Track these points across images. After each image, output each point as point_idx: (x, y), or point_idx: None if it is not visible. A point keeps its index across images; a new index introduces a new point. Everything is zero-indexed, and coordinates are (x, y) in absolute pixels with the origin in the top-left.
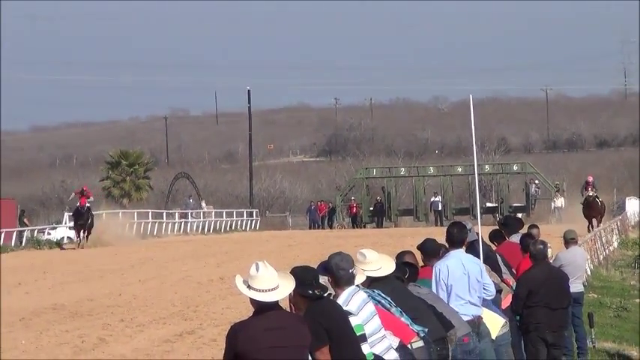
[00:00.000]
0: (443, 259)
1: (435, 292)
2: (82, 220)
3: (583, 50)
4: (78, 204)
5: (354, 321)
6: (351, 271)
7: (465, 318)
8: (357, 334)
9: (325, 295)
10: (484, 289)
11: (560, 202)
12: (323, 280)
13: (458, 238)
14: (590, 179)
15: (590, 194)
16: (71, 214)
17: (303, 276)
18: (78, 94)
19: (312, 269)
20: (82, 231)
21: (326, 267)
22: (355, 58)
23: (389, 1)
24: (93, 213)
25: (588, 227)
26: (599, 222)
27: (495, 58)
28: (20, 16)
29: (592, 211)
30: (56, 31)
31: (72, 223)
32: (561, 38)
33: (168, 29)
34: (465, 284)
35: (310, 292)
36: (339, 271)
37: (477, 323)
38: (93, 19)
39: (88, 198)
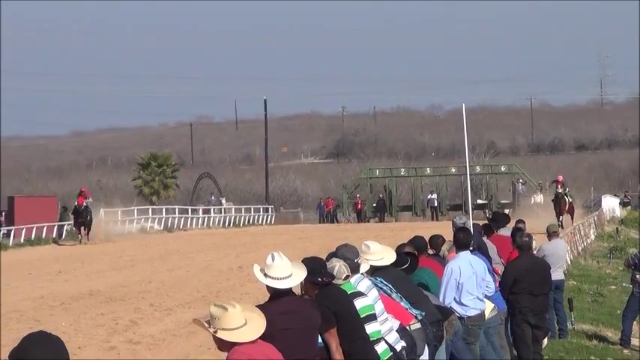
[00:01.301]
0: (454, 260)
1: (444, 287)
2: (82, 219)
3: (564, 64)
4: (76, 203)
5: (365, 301)
6: (356, 260)
7: (474, 312)
8: (368, 314)
9: (332, 282)
10: (486, 286)
11: (539, 198)
12: (339, 265)
13: (464, 241)
14: (560, 178)
15: (560, 191)
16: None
17: (312, 265)
18: (113, 103)
19: (320, 259)
20: (82, 228)
21: (333, 257)
22: (360, 70)
23: (392, 22)
24: (91, 212)
25: (559, 222)
26: (572, 219)
27: (486, 71)
28: (67, 32)
29: (560, 207)
30: (94, 46)
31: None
32: (544, 53)
33: (193, 45)
34: (473, 282)
35: (319, 279)
36: (345, 260)
37: (483, 316)
38: (127, 37)
39: (87, 199)
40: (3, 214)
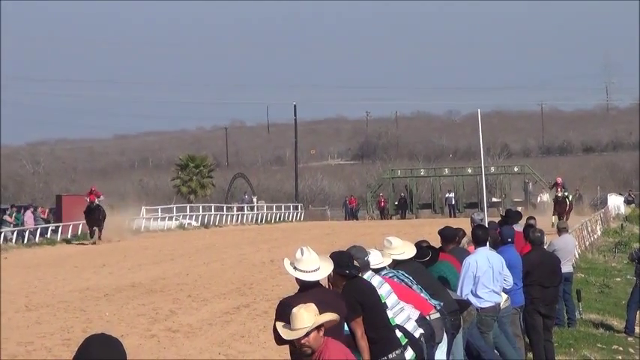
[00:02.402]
0: (472, 255)
1: (461, 279)
2: (94, 216)
3: (572, 72)
4: (88, 201)
5: (382, 290)
6: (365, 259)
7: (488, 304)
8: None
9: (359, 274)
10: (504, 279)
11: (546, 197)
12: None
13: (482, 238)
14: (560, 180)
15: (559, 194)
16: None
17: (340, 259)
18: (154, 109)
19: (347, 253)
20: (94, 227)
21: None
22: (383, 78)
23: (412, 33)
24: (104, 210)
25: (554, 215)
26: (567, 219)
27: (500, 79)
28: (111, 42)
29: (560, 209)
30: (137, 55)
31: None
32: (554, 62)
33: (228, 55)
34: (489, 276)
35: (347, 271)
36: (356, 259)
37: (497, 309)
38: (167, 47)
39: (98, 197)
40: (46, 211)
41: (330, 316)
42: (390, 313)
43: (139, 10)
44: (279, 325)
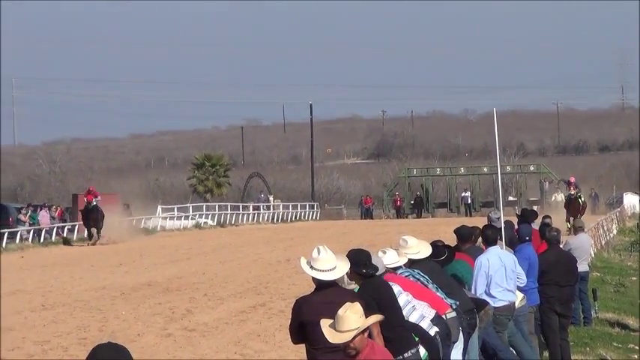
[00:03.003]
0: (484, 253)
1: (474, 279)
2: (93, 215)
3: (588, 72)
4: (85, 201)
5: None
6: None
7: (502, 303)
8: None
9: (376, 273)
10: (517, 277)
11: (560, 196)
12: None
13: (492, 237)
14: (572, 180)
15: (572, 193)
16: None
17: (358, 257)
18: (170, 108)
19: (365, 252)
20: (92, 228)
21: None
22: (399, 77)
23: (427, 33)
24: (101, 210)
25: (567, 221)
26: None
27: (515, 78)
28: (127, 42)
29: (572, 208)
30: (152, 55)
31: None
32: (570, 62)
33: (244, 54)
34: (502, 274)
35: (364, 270)
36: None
37: (512, 308)
38: (182, 47)
39: (96, 197)
40: (59, 210)
41: (375, 318)
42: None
43: (156, 10)
44: (325, 325)
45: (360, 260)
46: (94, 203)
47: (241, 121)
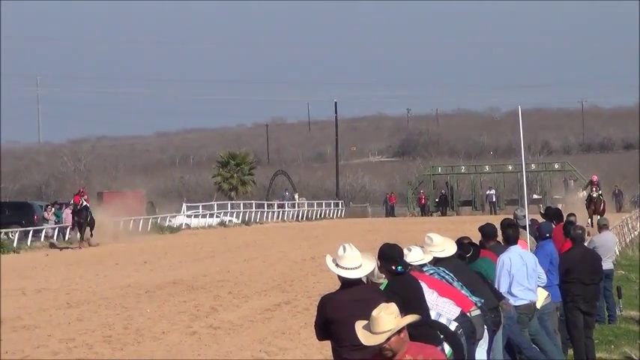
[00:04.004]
0: (505, 252)
1: (497, 277)
2: (81, 218)
3: (613, 70)
4: (72, 201)
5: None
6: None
7: (523, 302)
8: None
9: (406, 271)
10: (538, 277)
11: (582, 195)
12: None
13: (513, 236)
14: (595, 179)
15: (594, 195)
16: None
17: (390, 253)
18: (195, 106)
19: (398, 247)
20: (82, 229)
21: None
22: (424, 75)
23: (452, 33)
24: (91, 211)
25: (589, 221)
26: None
27: (540, 76)
28: (151, 40)
29: (595, 208)
30: (177, 52)
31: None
32: (595, 60)
33: (269, 52)
34: (523, 273)
35: (393, 267)
36: None
37: (532, 307)
38: (207, 45)
39: (84, 197)
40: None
41: (411, 318)
42: None
43: (181, 9)
44: (359, 327)
45: (391, 256)
46: (83, 204)
47: (266, 119)
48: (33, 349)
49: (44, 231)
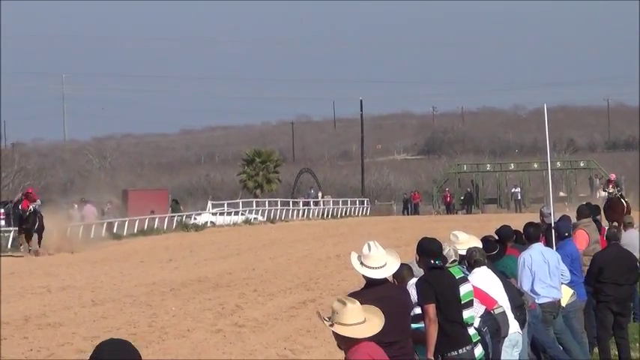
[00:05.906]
0: (527, 250)
1: (519, 275)
2: (28, 225)
3: (638, 67)
4: (20, 208)
5: (468, 287)
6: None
7: (547, 299)
8: (469, 299)
9: (445, 266)
10: (561, 274)
11: (604, 194)
12: (449, 249)
13: (534, 235)
14: (613, 177)
15: (611, 191)
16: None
17: (429, 247)
18: (220, 103)
19: (437, 242)
20: (29, 236)
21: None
22: (449, 74)
23: (477, 30)
24: (41, 217)
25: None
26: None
27: (565, 74)
28: (176, 40)
29: (614, 213)
30: (203, 51)
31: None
32: (621, 57)
33: (294, 50)
34: (545, 271)
35: (432, 261)
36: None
37: (556, 305)
38: (233, 43)
39: (34, 201)
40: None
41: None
42: (472, 311)
43: (207, 6)
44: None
45: (430, 250)
46: (32, 209)
47: (291, 117)
48: (58, 346)
49: (69, 229)
